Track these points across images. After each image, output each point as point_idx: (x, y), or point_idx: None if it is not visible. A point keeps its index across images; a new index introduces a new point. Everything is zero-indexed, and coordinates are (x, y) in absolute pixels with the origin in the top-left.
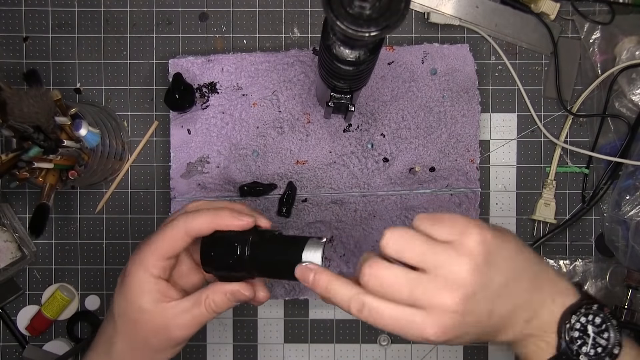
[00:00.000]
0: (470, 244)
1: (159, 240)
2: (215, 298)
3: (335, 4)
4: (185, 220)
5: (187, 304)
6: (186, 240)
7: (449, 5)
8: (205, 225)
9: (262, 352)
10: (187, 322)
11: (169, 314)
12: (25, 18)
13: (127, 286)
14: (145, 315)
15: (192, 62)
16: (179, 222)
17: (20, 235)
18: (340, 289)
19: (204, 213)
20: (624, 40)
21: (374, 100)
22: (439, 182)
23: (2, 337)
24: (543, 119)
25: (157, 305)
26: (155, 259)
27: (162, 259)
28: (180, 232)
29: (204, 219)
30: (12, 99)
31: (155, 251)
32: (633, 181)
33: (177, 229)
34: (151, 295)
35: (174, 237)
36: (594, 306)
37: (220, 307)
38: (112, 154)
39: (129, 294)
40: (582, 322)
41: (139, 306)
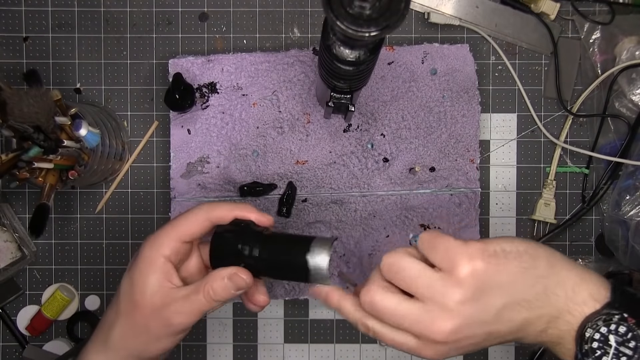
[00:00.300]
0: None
1: (179, 221)
2: (213, 284)
3: (335, 4)
4: (207, 207)
5: (187, 291)
6: (205, 225)
7: (449, 5)
8: (226, 211)
9: (262, 352)
10: (187, 309)
11: (170, 298)
12: (25, 18)
13: (135, 265)
14: (147, 297)
15: (192, 62)
16: (202, 207)
17: (20, 235)
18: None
19: (227, 203)
20: (624, 40)
21: (374, 100)
22: (439, 182)
23: (2, 337)
24: (543, 119)
25: (159, 287)
26: (170, 238)
27: (178, 240)
28: (202, 215)
29: (226, 208)
30: (12, 99)
31: (172, 230)
32: (633, 181)
33: (198, 212)
34: (156, 276)
35: (194, 219)
36: (615, 317)
37: (219, 295)
38: (112, 154)
39: (135, 274)
40: (603, 332)
41: (142, 287)
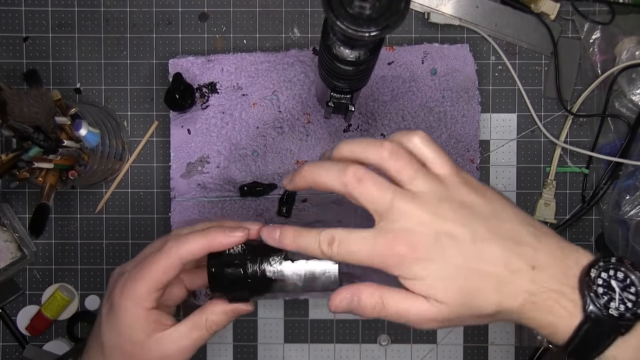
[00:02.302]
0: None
1: (152, 271)
2: (215, 319)
3: (335, 4)
4: (177, 248)
5: (184, 329)
6: (179, 267)
7: (449, 5)
8: (198, 248)
9: (262, 352)
10: (188, 347)
11: (167, 342)
12: (25, 18)
13: (118, 319)
14: (140, 348)
15: (192, 62)
16: (171, 251)
17: (20, 235)
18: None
19: (194, 236)
20: (624, 40)
21: (374, 100)
22: None
23: (2, 337)
24: (543, 119)
25: (152, 336)
26: (148, 291)
27: (156, 290)
28: (174, 260)
29: (195, 243)
30: (12, 99)
31: (148, 283)
32: (633, 181)
33: (170, 258)
34: (145, 328)
35: (167, 266)
36: (612, 258)
37: (221, 326)
38: (112, 154)
39: (121, 327)
40: (604, 278)
41: (132, 340)
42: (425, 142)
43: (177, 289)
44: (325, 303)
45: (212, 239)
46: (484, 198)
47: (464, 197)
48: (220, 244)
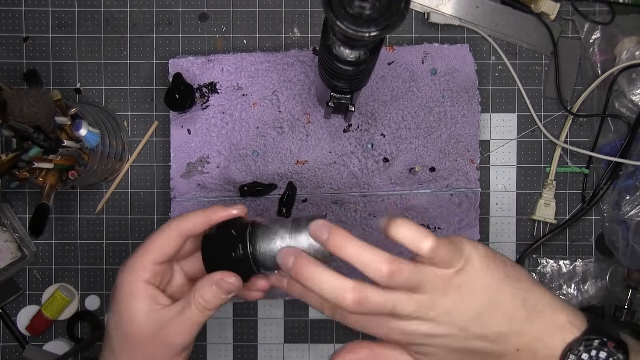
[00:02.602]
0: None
1: (151, 242)
2: (203, 293)
3: (335, 4)
4: (178, 221)
5: (178, 307)
6: (178, 240)
7: (449, 5)
8: (197, 221)
9: (262, 352)
10: (183, 326)
11: (163, 320)
12: (25, 18)
13: (117, 296)
14: (139, 326)
15: (192, 62)
16: (172, 224)
17: (20, 235)
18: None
19: (195, 212)
20: (624, 40)
21: (374, 100)
22: (439, 182)
23: (2, 337)
24: (543, 119)
25: (148, 313)
26: (145, 261)
27: (153, 262)
28: (173, 231)
29: (196, 216)
30: (12, 99)
31: (146, 253)
32: (633, 181)
33: (170, 230)
34: (141, 303)
35: (165, 237)
36: (595, 342)
37: (210, 302)
38: (112, 154)
39: (119, 306)
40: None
41: (129, 318)
42: (434, 252)
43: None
44: None
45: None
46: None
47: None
48: (219, 216)
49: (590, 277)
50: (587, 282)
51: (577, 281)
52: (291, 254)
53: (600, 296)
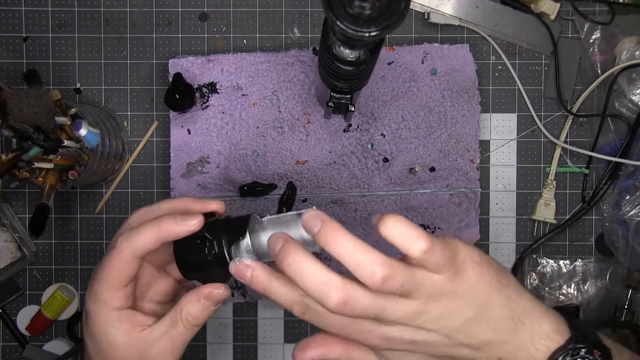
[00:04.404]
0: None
1: (107, 270)
2: (190, 309)
3: (335, 4)
4: (128, 243)
5: (162, 328)
6: (136, 263)
7: (449, 5)
8: (150, 242)
9: (262, 352)
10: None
11: (146, 344)
12: (25, 18)
13: (91, 326)
14: (119, 352)
15: (192, 62)
16: (122, 246)
17: (20, 235)
18: (282, 291)
19: (145, 228)
20: (624, 40)
21: (374, 100)
22: (439, 182)
23: (2, 337)
24: (543, 119)
25: (129, 337)
26: (110, 291)
27: (118, 289)
28: (127, 256)
29: (147, 235)
30: (12, 99)
31: (107, 283)
32: (633, 181)
33: (122, 255)
34: (118, 330)
35: (121, 263)
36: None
37: (199, 318)
38: (112, 154)
39: (95, 334)
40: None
41: (108, 342)
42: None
43: (163, 281)
44: None
45: (164, 229)
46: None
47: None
48: (173, 233)
49: (590, 277)
50: (587, 282)
51: (577, 281)
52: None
53: (600, 296)
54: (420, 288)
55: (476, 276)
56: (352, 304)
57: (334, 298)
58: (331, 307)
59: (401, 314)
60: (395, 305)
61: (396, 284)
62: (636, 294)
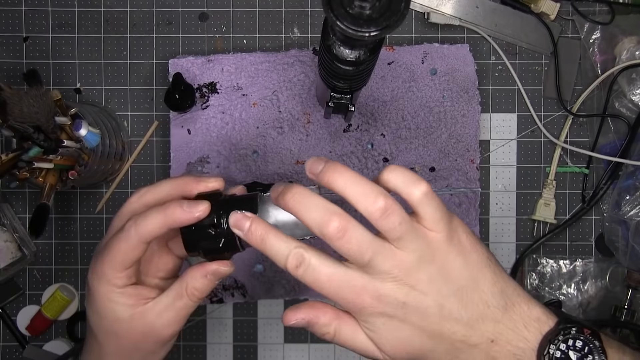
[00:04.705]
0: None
1: (113, 253)
2: (196, 285)
3: (335, 4)
4: (136, 228)
5: (167, 300)
6: (142, 247)
7: (449, 5)
8: (157, 228)
9: (262, 352)
10: (173, 318)
11: (151, 315)
12: (25, 18)
13: (95, 301)
14: (124, 325)
15: (192, 62)
16: (130, 231)
17: (20, 235)
18: (278, 242)
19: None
20: (624, 40)
21: (374, 100)
22: (439, 182)
23: (2, 337)
24: (543, 119)
25: (133, 311)
26: (114, 272)
27: (122, 270)
28: (134, 241)
29: (154, 221)
30: (12, 99)
31: (111, 264)
32: (633, 181)
33: (129, 239)
34: (123, 305)
35: (129, 247)
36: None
37: (204, 292)
38: (112, 154)
39: (99, 309)
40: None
41: (113, 318)
42: (427, 199)
43: (165, 258)
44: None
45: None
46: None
47: (445, 260)
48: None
49: (590, 277)
50: (587, 282)
51: (577, 281)
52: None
53: (600, 296)
54: (416, 239)
55: (470, 245)
56: (350, 233)
57: (334, 223)
58: (330, 232)
59: (394, 263)
60: (391, 252)
61: (395, 220)
62: (636, 294)
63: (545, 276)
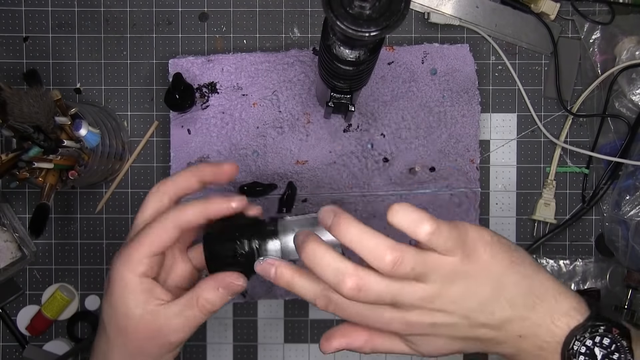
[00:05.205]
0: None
1: (146, 234)
2: (208, 297)
3: (335, 4)
4: (174, 212)
5: (178, 307)
6: (173, 232)
7: (449, 5)
8: (195, 213)
9: (262, 352)
10: (182, 326)
11: (161, 318)
12: (25, 18)
13: (111, 290)
14: (133, 322)
15: (192, 62)
16: (168, 214)
17: (20, 235)
18: (305, 285)
19: (192, 203)
20: (624, 40)
21: (374, 100)
22: (439, 182)
23: (2, 337)
24: (543, 119)
25: (145, 308)
26: (140, 255)
27: (149, 254)
28: (169, 225)
29: (193, 207)
30: (12, 99)
31: (141, 247)
32: (633, 181)
33: (165, 222)
34: (137, 297)
35: (161, 230)
36: (601, 328)
37: (215, 305)
38: (112, 154)
39: (113, 299)
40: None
41: (125, 311)
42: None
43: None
44: None
45: (210, 205)
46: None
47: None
48: (218, 211)
49: (590, 277)
50: (587, 282)
51: (577, 281)
52: (305, 233)
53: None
54: (433, 271)
55: (488, 256)
56: (366, 289)
57: (347, 284)
58: (346, 292)
59: (417, 297)
60: (411, 288)
61: (406, 267)
62: (636, 294)
63: None
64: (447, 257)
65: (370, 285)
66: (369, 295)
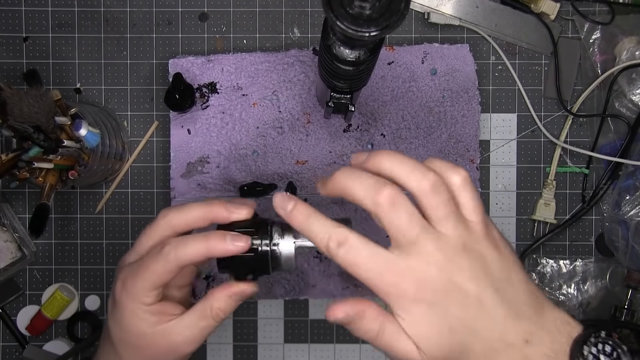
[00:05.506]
0: None
1: (149, 273)
2: (221, 306)
3: (335, 4)
4: (176, 253)
5: (190, 320)
6: (178, 271)
7: (449, 5)
8: (197, 255)
9: (262, 352)
10: (195, 336)
11: (174, 333)
12: (25, 18)
13: (120, 315)
14: (146, 340)
15: (192, 62)
16: (170, 255)
17: (20, 235)
18: (321, 221)
19: (195, 242)
20: (624, 40)
21: (374, 100)
22: None
23: (2, 337)
24: (543, 119)
25: (156, 328)
26: (146, 290)
27: (154, 289)
28: (172, 265)
29: (196, 249)
30: (12, 99)
31: (146, 283)
32: (633, 181)
33: (168, 262)
34: (148, 321)
35: (165, 271)
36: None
37: (227, 312)
38: (112, 154)
39: (123, 323)
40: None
41: (137, 333)
42: (466, 184)
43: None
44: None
45: (213, 247)
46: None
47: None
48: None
49: (590, 277)
50: (587, 282)
51: (577, 281)
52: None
53: (600, 296)
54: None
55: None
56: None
57: (387, 190)
58: (382, 200)
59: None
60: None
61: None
62: (636, 294)
63: (545, 276)
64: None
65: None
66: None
